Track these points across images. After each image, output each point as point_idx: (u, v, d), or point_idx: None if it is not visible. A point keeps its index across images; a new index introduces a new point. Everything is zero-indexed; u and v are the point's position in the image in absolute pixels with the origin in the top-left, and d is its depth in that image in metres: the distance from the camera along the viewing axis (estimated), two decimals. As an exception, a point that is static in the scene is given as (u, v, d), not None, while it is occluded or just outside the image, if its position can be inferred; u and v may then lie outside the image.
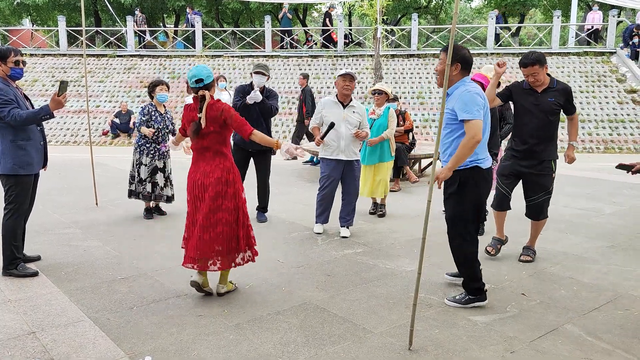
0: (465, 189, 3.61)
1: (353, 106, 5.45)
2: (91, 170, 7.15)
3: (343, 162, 5.45)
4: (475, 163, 3.60)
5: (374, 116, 6.28)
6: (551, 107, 4.49)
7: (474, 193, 3.63)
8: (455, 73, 3.57)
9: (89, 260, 4.75)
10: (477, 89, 3.59)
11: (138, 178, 6.14)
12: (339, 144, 5.38)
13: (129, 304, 3.81)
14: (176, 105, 16.20)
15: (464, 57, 3.58)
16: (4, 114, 4.08)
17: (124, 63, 18.44)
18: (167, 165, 6.29)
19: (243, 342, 3.24)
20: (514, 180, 4.75)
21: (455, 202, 3.67)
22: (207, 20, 26.45)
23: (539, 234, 4.87)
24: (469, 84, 3.59)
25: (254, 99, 5.76)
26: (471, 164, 3.58)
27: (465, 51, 3.61)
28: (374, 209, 6.57)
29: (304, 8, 26.53)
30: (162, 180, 6.19)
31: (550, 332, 3.40)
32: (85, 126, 15.29)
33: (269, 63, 17.78)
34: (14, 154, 4.18)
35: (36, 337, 3.28)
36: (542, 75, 4.46)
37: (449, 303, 3.80)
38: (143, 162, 6.11)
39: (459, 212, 3.66)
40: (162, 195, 6.21)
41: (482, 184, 3.66)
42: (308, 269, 4.55)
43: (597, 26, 18.95)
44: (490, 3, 25.33)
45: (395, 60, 17.90)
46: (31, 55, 18.83)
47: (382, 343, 3.25)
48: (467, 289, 3.79)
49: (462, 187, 3.61)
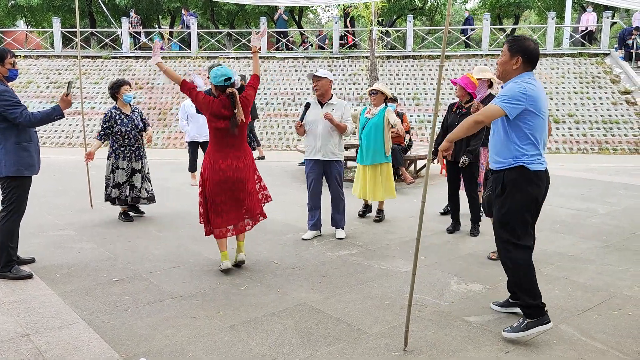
0: (509, 190, 3.26)
1: (332, 104, 5.37)
2: (86, 172, 7.13)
3: (321, 162, 5.40)
4: (521, 162, 3.22)
5: (369, 115, 6.24)
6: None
7: (520, 195, 3.24)
8: (515, 67, 3.24)
9: (83, 262, 4.74)
10: (530, 84, 3.18)
11: (114, 183, 6.07)
12: (316, 144, 5.35)
13: (124, 305, 3.80)
14: (171, 107, 16.18)
15: (527, 49, 3.22)
16: (16, 114, 4.08)
17: (119, 64, 18.40)
18: (144, 165, 6.23)
19: (238, 344, 3.24)
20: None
21: (499, 206, 3.33)
22: (203, 22, 26.44)
23: None
24: (530, 78, 3.22)
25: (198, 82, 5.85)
26: (516, 163, 3.23)
27: (529, 43, 3.24)
28: (363, 212, 6.50)
29: (299, 10, 26.55)
30: (140, 182, 6.15)
31: (545, 332, 3.41)
32: (80, 128, 15.24)
33: (265, 64, 17.78)
34: (17, 156, 4.18)
35: (30, 340, 3.27)
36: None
37: (507, 335, 3.27)
38: (120, 167, 6.05)
39: (503, 216, 3.30)
40: (139, 197, 6.17)
41: (530, 187, 3.23)
42: (303, 270, 4.55)
43: (591, 27, 19.04)
44: (485, 5, 25.41)
45: (390, 62, 17.93)
46: (26, 57, 18.77)
47: (377, 344, 3.25)
48: (525, 310, 3.31)
49: (506, 188, 3.27)
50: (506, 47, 3.27)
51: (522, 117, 3.17)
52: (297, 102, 16.00)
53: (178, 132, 15.17)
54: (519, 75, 3.25)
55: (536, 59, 3.28)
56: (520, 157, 3.23)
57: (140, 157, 6.15)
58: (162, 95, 16.67)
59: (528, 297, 3.28)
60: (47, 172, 9.66)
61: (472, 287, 4.18)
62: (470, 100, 5.53)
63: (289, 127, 15.03)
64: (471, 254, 5.01)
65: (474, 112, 4.64)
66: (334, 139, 5.37)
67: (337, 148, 5.43)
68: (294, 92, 16.57)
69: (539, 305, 3.28)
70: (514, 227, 3.28)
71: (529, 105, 3.15)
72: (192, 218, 6.36)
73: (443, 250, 5.13)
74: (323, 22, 37.37)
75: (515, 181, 3.24)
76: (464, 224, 5.82)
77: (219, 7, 24.10)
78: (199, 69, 17.81)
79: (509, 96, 3.16)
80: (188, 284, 4.23)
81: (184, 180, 8.81)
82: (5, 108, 4.07)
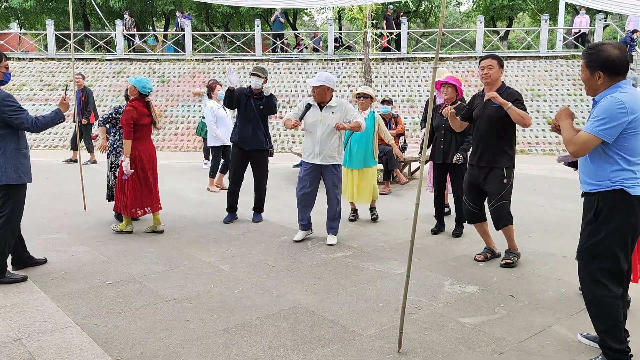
0: (604, 216, 2.86)
1: (331, 106, 5.25)
2: (79, 175, 7.10)
3: (319, 167, 5.32)
4: (621, 185, 2.81)
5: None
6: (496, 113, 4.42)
7: (616, 223, 2.84)
8: (599, 83, 2.85)
9: (76, 265, 4.72)
10: (630, 95, 2.78)
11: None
12: (314, 148, 5.27)
13: (117, 309, 3.78)
14: (166, 110, 16.14)
15: (607, 61, 2.79)
16: (22, 120, 4.06)
17: (113, 67, 18.34)
18: None
19: (232, 347, 3.23)
20: (475, 194, 4.70)
21: (590, 232, 2.93)
22: (197, 24, 26.41)
23: (512, 238, 4.75)
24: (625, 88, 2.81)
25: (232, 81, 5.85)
26: (614, 186, 2.82)
27: (609, 52, 2.80)
28: (353, 216, 6.47)
29: (294, 12, 26.57)
30: None
31: (538, 333, 3.42)
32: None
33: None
34: (18, 163, 4.14)
35: (22, 344, 3.25)
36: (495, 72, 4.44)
37: None
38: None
39: (593, 245, 2.91)
40: None
41: (629, 214, 2.83)
42: (297, 273, 4.55)
43: (584, 30, 19.15)
44: (479, 7, 25.52)
45: (385, 64, 17.97)
46: (19, 59, 18.69)
47: (372, 346, 3.25)
48: (605, 349, 2.95)
49: (601, 214, 2.87)
50: (583, 63, 2.88)
51: (621, 133, 2.78)
52: (291, 104, 15.99)
53: (172, 135, 15.13)
54: (610, 87, 2.84)
55: (623, 68, 2.83)
56: (619, 178, 2.82)
57: None
58: (156, 98, 16.63)
59: (610, 339, 2.89)
60: (40, 174, 9.61)
61: (466, 289, 4.18)
62: (456, 101, 5.55)
63: (284, 129, 15.02)
64: (465, 255, 5.02)
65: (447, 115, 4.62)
66: (334, 142, 5.27)
67: (337, 151, 5.33)
68: (288, 94, 16.56)
69: (624, 349, 2.89)
70: (605, 260, 2.89)
71: (631, 120, 2.75)
72: (186, 221, 6.34)
73: (437, 252, 5.14)
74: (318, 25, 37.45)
75: (613, 207, 2.84)
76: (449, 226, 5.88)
77: (214, 10, 24.08)
78: (232, 66, 17.78)
79: (601, 118, 2.76)
80: (182, 287, 4.21)
81: (176, 183, 8.79)
82: (10, 114, 4.04)
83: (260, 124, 6.06)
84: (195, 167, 10.78)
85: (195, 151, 13.89)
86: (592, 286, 2.93)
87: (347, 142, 6.15)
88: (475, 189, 4.68)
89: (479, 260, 4.82)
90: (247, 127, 6.01)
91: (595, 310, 2.94)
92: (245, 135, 6.03)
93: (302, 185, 5.41)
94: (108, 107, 15.75)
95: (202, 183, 8.79)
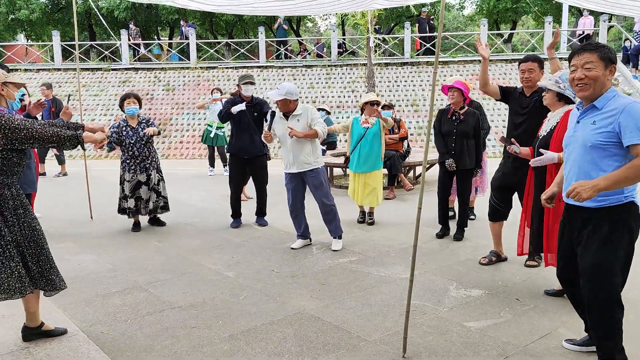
0: (617, 231, 2.72)
1: (296, 115, 5.23)
2: (86, 184, 7.16)
3: (298, 175, 5.33)
4: (632, 198, 2.73)
5: (368, 125, 6.30)
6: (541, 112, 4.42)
7: (629, 238, 2.75)
8: (609, 78, 2.72)
9: (83, 273, 4.75)
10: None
11: (122, 194, 6.13)
12: (289, 157, 5.28)
13: (124, 316, 3.81)
14: (171, 118, 16.23)
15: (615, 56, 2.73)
16: None
17: (118, 76, 18.48)
18: (152, 177, 6.17)
19: (237, 353, 3.24)
20: (505, 193, 4.66)
21: (600, 249, 2.74)
22: (202, 32, 26.59)
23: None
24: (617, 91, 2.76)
25: (237, 108, 6.02)
26: (626, 199, 2.71)
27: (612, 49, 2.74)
28: (362, 218, 6.53)
29: (297, 19, 26.69)
30: (147, 194, 6.14)
31: (544, 336, 3.41)
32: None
33: (264, 73, 17.86)
34: (22, 173, 4.16)
35: (30, 353, 3.27)
36: (535, 75, 4.42)
37: None
38: (126, 179, 6.09)
39: (607, 261, 2.73)
40: (147, 208, 6.18)
41: (637, 226, 2.78)
42: (302, 278, 4.56)
43: (588, 31, 19.10)
44: (482, 10, 25.52)
45: (389, 69, 18.00)
46: (26, 70, 18.87)
47: (376, 351, 3.25)
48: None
49: (613, 229, 2.73)
50: (596, 56, 2.68)
51: None
52: (296, 110, 16.02)
53: (178, 143, 15.22)
54: (611, 89, 2.72)
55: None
56: (631, 191, 2.72)
57: (145, 169, 6.12)
58: (161, 106, 16.74)
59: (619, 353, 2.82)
60: (48, 183, 9.69)
61: (472, 293, 4.18)
62: (463, 105, 5.54)
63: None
64: (470, 259, 5.01)
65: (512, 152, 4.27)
66: (306, 148, 5.23)
67: (312, 156, 5.28)
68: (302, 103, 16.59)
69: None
70: (615, 276, 2.75)
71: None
72: (192, 229, 6.37)
73: (442, 256, 5.14)
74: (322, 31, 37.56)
75: (625, 220, 2.73)
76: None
77: (218, 18, 24.23)
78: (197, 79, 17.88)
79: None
80: (188, 294, 4.23)
81: (182, 191, 8.83)
82: None
83: (256, 130, 6.17)
84: (200, 174, 10.82)
85: (201, 159, 13.95)
86: (603, 306, 2.76)
87: (355, 147, 6.22)
88: (507, 190, 4.63)
89: (484, 264, 4.81)
90: (244, 135, 6.13)
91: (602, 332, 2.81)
92: (244, 144, 6.14)
93: (288, 195, 5.47)
94: (114, 116, 15.86)
95: (207, 191, 8.83)
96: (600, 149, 2.68)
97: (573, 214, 2.88)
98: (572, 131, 2.88)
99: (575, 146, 2.81)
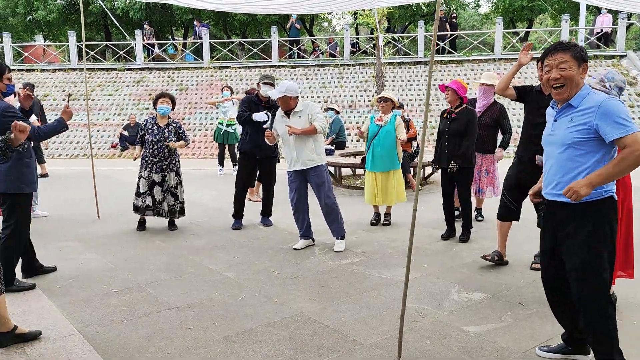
0: (600, 227, 2.72)
1: (297, 112, 5.25)
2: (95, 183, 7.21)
3: (302, 172, 5.32)
4: (611, 193, 2.74)
5: (381, 123, 6.23)
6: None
7: (610, 233, 2.75)
8: (582, 77, 2.73)
9: (84, 273, 4.76)
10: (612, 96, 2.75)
11: (137, 191, 6.15)
12: (292, 155, 5.28)
13: (120, 317, 3.80)
14: (184, 117, 16.32)
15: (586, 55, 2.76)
16: None
17: (133, 76, 18.65)
18: (168, 179, 6.13)
19: (230, 356, 3.21)
20: (520, 192, 4.53)
21: (588, 245, 2.72)
22: (216, 32, 26.68)
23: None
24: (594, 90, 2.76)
25: (259, 118, 5.97)
26: (606, 194, 2.72)
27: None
28: (375, 220, 6.45)
29: (310, 18, 26.65)
30: (160, 195, 6.12)
31: (546, 342, 3.32)
32: (95, 139, 15.45)
33: (276, 73, 17.86)
34: (20, 172, 4.18)
35: (24, 352, 3.28)
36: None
37: None
38: (142, 176, 6.11)
39: (595, 258, 2.71)
40: (159, 210, 6.16)
41: (615, 219, 2.80)
42: (302, 280, 4.51)
43: (606, 29, 18.75)
44: (498, 9, 25.21)
45: (401, 68, 17.87)
46: (43, 71, 19.13)
47: (371, 355, 3.19)
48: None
49: (598, 224, 2.72)
50: (570, 55, 2.69)
51: None
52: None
53: (190, 142, 15.27)
54: (584, 86, 2.74)
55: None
56: (610, 186, 2.73)
57: (161, 169, 6.09)
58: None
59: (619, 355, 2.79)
60: (57, 182, 9.80)
61: (473, 296, 4.09)
62: (460, 105, 5.48)
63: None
64: (474, 261, 4.92)
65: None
66: (309, 144, 5.23)
67: (315, 152, 5.27)
68: (304, 100, 16.57)
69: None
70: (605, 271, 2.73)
71: None
72: (197, 228, 6.37)
73: (446, 258, 5.05)
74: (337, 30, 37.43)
75: (607, 215, 2.73)
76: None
77: (231, 18, 24.29)
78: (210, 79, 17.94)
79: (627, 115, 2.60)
80: (186, 294, 4.21)
81: (193, 191, 8.84)
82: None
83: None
84: (212, 174, 10.84)
85: (213, 158, 13.99)
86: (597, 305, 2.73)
87: (370, 146, 6.19)
88: (521, 189, 4.50)
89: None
90: (259, 135, 6.05)
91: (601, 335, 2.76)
92: (258, 143, 6.06)
93: (291, 194, 5.43)
94: (128, 116, 15.99)
95: (218, 190, 8.84)
96: (578, 145, 2.70)
97: (555, 209, 2.87)
98: (550, 130, 2.89)
99: (554, 144, 2.83)
